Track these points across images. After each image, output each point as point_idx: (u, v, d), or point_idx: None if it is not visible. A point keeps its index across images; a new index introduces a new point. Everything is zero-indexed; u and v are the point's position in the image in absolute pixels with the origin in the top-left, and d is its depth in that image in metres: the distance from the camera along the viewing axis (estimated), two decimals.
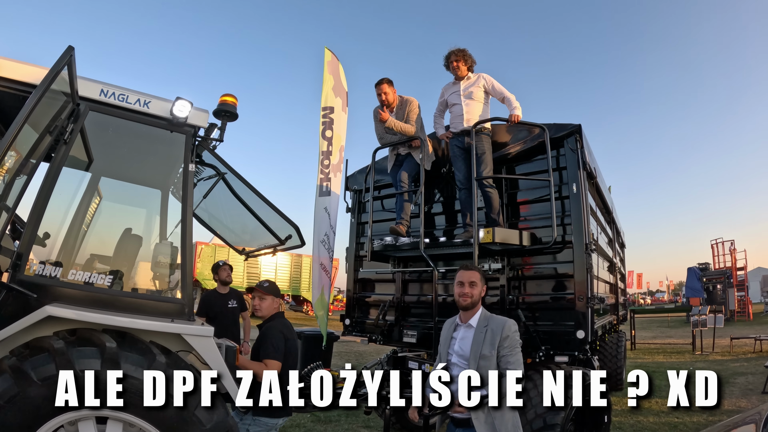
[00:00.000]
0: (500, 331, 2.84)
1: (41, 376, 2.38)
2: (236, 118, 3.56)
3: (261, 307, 3.74)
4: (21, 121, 2.34)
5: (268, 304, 3.74)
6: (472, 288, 3.00)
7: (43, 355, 2.44)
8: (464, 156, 5.02)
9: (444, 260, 5.31)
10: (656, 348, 16.45)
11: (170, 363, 2.73)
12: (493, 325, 2.89)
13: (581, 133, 4.61)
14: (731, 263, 28.12)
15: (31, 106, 2.38)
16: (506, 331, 2.84)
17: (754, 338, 14.80)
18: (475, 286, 3.00)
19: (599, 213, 6.12)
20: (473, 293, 2.99)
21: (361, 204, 6.42)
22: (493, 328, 2.87)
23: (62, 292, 2.85)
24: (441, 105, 5.49)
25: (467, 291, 2.99)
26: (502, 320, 2.92)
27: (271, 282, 3.90)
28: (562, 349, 4.35)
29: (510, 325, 2.88)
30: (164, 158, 3.84)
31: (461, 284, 3.02)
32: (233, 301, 6.26)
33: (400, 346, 5.76)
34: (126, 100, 3.18)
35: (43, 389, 2.37)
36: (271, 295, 3.74)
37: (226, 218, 4.60)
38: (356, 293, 6.33)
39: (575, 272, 4.42)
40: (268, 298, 3.73)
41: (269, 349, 3.49)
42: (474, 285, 3.00)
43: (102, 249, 3.88)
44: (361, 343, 6.36)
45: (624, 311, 9.99)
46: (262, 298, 3.72)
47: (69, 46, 2.74)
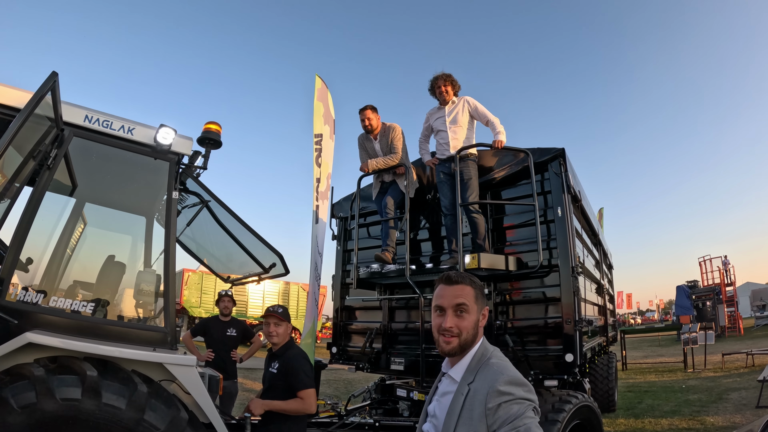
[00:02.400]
0: (484, 397, 1.54)
1: (21, 404, 2.34)
2: (220, 146, 3.58)
3: (278, 333, 3.56)
4: (4, 145, 2.33)
5: (283, 330, 3.59)
6: (460, 318, 1.70)
7: (24, 382, 2.40)
8: (450, 182, 5.04)
9: (430, 287, 5.27)
10: (648, 368, 16.40)
11: (152, 392, 2.69)
12: (479, 383, 1.60)
13: (565, 157, 4.64)
14: (720, 280, 28.29)
15: (14, 130, 2.38)
16: (493, 398, 1.52)
17: (745, 353, 14.75)
18: (465, 314, 1.71)
19: (585, 235, 6.14)
20: (462, 328, 1.70)
21: (346, 231, 6.44)
22: (476, 390, 1.59)
23: (44, 319, 2.81)
24: (426, 130, 5.53)
25: (451, 325, 1.70)
26: (493, 374, 1.60)
27: (284, 308, 3.76)
28: (552, 374, 4.31)
29: (500, 385, 1.53)
30: (148, 185, 3.83)
31: (440, 311, 1.75)
32: (232, 330, 6.20)
33: (388, 374, 5.69)
34: (110, 126, 3.20)
35: (22, 417, 2.32)
36: (286, 321, 3.61)
37: (211, 246, 4.58)
38: (343, 321, 6.28)
39: (562, 295, 4.39)
40: (284, 324, 3.59)
41: (304, 379, 3.37)
42: (463, 311, 1.71)
43: (85, 276, 3.83)
44: (348, 371, 6.28)
45: (614, 332, 9.99)
46: (278, 324, 3.57)
47: (53, 72, 2.75)
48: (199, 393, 2.96)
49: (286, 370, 3.42)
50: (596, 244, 7.38)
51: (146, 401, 2.63)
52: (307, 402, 3.32)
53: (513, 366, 1.66)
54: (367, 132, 5.52)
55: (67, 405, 2.41)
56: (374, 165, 5.32)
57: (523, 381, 1.57)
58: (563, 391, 4.34)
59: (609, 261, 9.83)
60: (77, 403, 2.43)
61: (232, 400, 6.01)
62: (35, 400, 2.34)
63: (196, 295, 20.19)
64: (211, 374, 3.25)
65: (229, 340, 6.11)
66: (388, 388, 5.40)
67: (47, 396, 2.37)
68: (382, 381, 5.62)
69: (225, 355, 5.96)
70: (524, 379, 1.58)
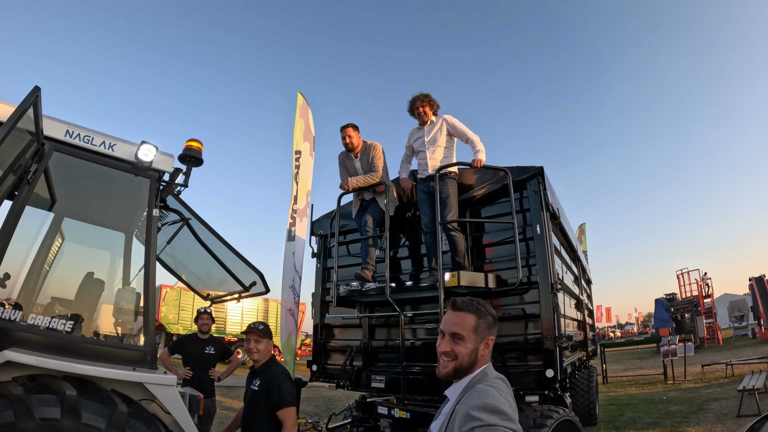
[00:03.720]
0: (461, 419, 1.55)
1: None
2: (201, 164, 3.57)
3: (258, 349, 3.53)
4: None
5: (264, 347, 3.56)
6: (456, 344, 1.73)
7: (2, 401, 2.35)
8: (430, 200, 5.10)
9: (411, 304, 5.32)
10: (628, 380, 16.46)
11: (132, 412, 2.66)
12: (462, 405, 1.61)
13: (543, 175, 4.72)
14: (698, 292, 28.77)
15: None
16: (466, 422, 1.50)
17: (725, 363, 14.85)
18: (461, 342, 1.72)
19: (564, 252, 6.22)
20: (458, 353, 1.71)
21: (326, 249, 6.43)
22: (458, 411, 1.61)
23: (22, 337, 2.76)
24: (408, 150, 5.60)
25: (446, 350, 1.73)
26: (472, 398, 1.58)
27: (265, 324, 3.73)
28: (532, 389, 4.33)
29: (472, 410, 1.51)
30: (128, 201, 3.82)
31: (441, 334, 1.79)
32: (211, 348, 6.11)
33: (368, 392, 5.67)
34: (91, 141, 3.18)
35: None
36: (267, 338, 3.58)
37: (191, 263, 4.55)
38: (323, 339, 6.26)
39: (542, 312, 4.44)
40: (264, 340, 3.56)
41: (285, 397, 3.34)
42: (460, 339, 1.73)
43: (63, 292, 3.78)
44: (329, 389, 6.24)
45: (593, 346, 10.08)
46: (259, 341, 3.54)
47: (35, 87, 2.73)
48: (180, 413, 2.93)
49: (267, 387, 3.39)
50: (575, 260, 7.47)
51: (126, 421, 2.59)
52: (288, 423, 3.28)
53: (502, 393, 1.61)
54: (348, 150, 5.54)
55: (46, 425, 2.37)
56: (354, 183, 5.34)
57: (500, 409, 1.50)
58: (544, 406, 4.36)
59: (588, 276, 9.95)
60: (56, 423, 2.38)
61: (211, 419, 5.92)
62: (14, 420, 2.29)
63: (174, 312, 19.91)
64: (191, 394, 3.22)
65: (207, 358, 6.04)
66: (369, 406, 5.37)
67: (26, 416, 2.33)
68: (363, 399, 5.60)
69: (203, 373, 5.88)
70: (502, 408, 1.51)
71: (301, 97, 6.65)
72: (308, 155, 6.54)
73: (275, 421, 3.31)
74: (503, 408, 1.51)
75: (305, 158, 6.46)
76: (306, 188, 6.42)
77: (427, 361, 5.02)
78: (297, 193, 6.26)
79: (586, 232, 19.91)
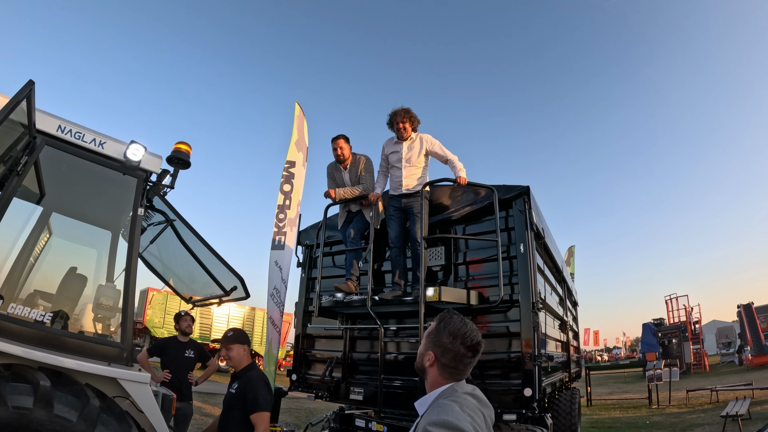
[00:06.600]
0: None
1: None
2: (189, 167, 3.61)
3: (230, 357, 3.57)
4: None
5: (236, 353, 3.58)
6: (421, 345, 1.82)
7: None
8: (399, 216, 5.18)
9: (393, 317, 5.34)
10: (612, 404, 16.44)
11: (104, 407, 2.67)
12: (423, 420, 1.57)
13: (529, 195, 4.75)
14: (686, 318, 28.91)
15: None
16: None
17: (710, 389, 14.86)
18: (421, 344, 1.82)
19: (548, 272, 6.25)
20: (420, 353, 1.80)
21: (312, 259, 6.43)
22: (418, 425, 1.60)
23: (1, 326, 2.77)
24: (384, 161, 5.54)
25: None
26: (430, 413, 1.56)
27: (236, 330, 3.74)
28: (511, 408, 4.31)
29: (427, 425, 1.48)
30: (116, 200, 3.84)
31: None
32: (190, 351, 6.10)
33: (347, 404, 5.66)
34: (82, 138, 3.22)
35: None
36: (236, 344, 3.59)
37: (174, 266, 4.56)
38: (304, 348, 6.24)
39: (522, 330, 4.44)
40: (234, 347, 3.57)
41: (259, 401, 3.33)
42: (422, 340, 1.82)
43: (46, 286, 3.78)
44: (308, 399, 6.21)
45: (577, 368, 10.05)
46: (229, 348, 3.56)
47: (29, 80, 2.78)
48: (152, 411, 2.94)
49: (243, 391, 3.40)
50: (560, 281, 7.49)
51: (98, 416, 2.60)
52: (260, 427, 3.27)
53: (465, 409, 1.56)
54: (338, 161, 5.57)
55: (18, 413, 2.38)
56: (342, 194, 5.37)
57: (456, 426, 1.45)
58: (523, 425, 4.36)
59: (574, 298, 9.96)
60: (28, 413, 2.40)
61: (187, 422, 5.88)
62: None
63: (160, 315, 19.75)
64: (164, 393, 3.23)
65: (187, 361, 6.01)
66: (347, 418, 5.35)
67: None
68: (342, 410, 5.58)
69: (182, 376, 5.85)
70: (460, 425, 1.45)
71: (298, 107, 6.69)
72: (301, 165, 6.56)
73: (250, 426, 3.30)
74: (461, 425, 1.46)
75: (298, 168, 6.48)
76: (297, 198, 6.44)
77: (406, 375, 5.01)
78: (289, 203, 6.27)
79: (575, 254, 19.99)
